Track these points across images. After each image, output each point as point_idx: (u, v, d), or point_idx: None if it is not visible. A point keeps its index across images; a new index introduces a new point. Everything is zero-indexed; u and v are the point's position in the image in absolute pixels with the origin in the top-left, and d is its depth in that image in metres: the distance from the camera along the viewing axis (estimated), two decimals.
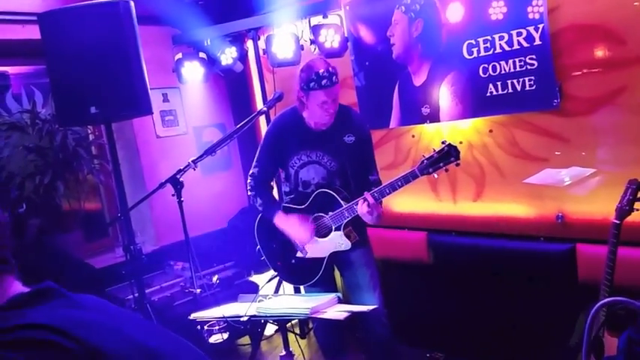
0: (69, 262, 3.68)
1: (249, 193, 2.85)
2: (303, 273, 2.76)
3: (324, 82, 2.56)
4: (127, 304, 3.56)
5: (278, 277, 3.00)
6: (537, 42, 2.86)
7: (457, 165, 2.45)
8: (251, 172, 2.85)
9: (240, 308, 2.34)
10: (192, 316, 2.36)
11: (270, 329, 3.90)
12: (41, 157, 3.83)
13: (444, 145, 2.43)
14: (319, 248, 2.70)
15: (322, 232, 2.70)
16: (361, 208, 2.49)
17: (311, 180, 2.76)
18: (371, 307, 2.28)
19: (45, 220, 3.87)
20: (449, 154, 2.42)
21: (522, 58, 2.94)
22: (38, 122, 3.90)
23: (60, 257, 3.64)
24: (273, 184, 3.09)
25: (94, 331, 0.80)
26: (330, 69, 2.60)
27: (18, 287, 0.86)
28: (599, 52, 2.73)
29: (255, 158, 2.85)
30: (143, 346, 0.84)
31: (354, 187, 2.74)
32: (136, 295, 3.31)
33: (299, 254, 2.76)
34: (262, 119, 3.69)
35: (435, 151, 2.44)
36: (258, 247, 2.91)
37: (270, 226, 2.79)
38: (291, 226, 2.69)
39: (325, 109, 2.62)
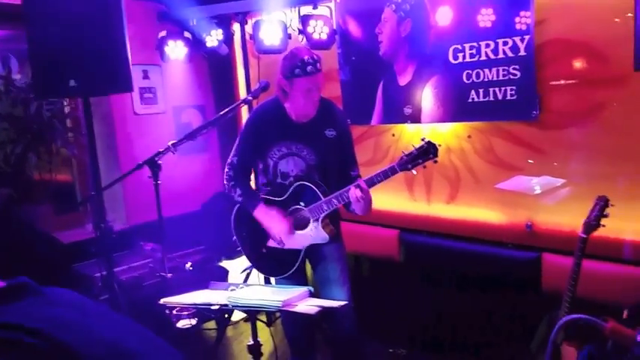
0: (36, 234, 3.60)
1: (226, 183, 2.82)
2: (279, 265, 2.76)
3: (308, 68, 2.54)
4: (95, 282, 3.52)
5: (250, 266, 3.00)
6: (522, 53, 2.91)
7: (435, 162, 2.48)
8: (229, 161, 2.81)
9: (211, 296, 2.33)
10: (163, 300, 2.35)
11: (236, 315, 3.91)
12: (14, 126, 3.73)
13: (423, 142, 2.45)
14: (296, 241, 2.70)
15: (300, 224, 2.70)
16: (354, 193, 2.45)
17: (290, 172, 2.75)
18: (342, 303, 2.29)
19: (14, 191, 3.78)
20: (427, 151, 2.44)
21: (506, 68, 2.99)
22: (12, 90, 3.79)
23: (27, 229, 3.56)
24: (252, 176, 3.07)
25: (70, 331, 0.78)
26: (315, 56, 2.58)
27: None
28: (581, 68, 2.80)
29: (235, 147, 2.82)
30: (119, 347, 0.83)
31: (333, 182, 2.75)
32: (104, 273, 3.28)
33: (274, 245, 2.76)
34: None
35: (414, 147, 2.46)
36: (234, 237, 2.90)
37: (248, 218, 2.78)
38: (271, 220, 2.68)
39: (309, 98, 2.60)
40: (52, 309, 0.84)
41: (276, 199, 2.74)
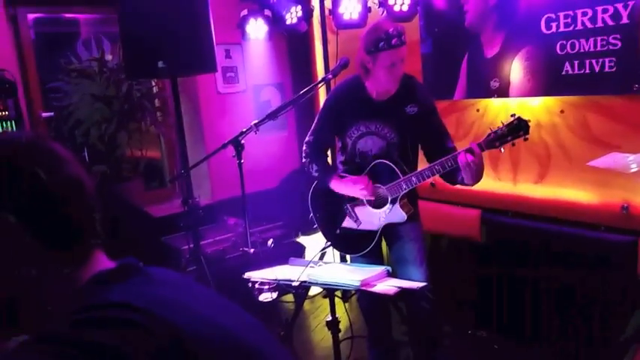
0: (129, 209, 3.84)
1: (303, 160, 2.84)
2: (356, 242, 2.78)
3: (393, 41, 2.47)
4: (183, 254, 3.70)
5: (326, 245, 3.02)
6: (624, 20, 2.66)
7: (525, 139, 2.36)
8: (307, 139, 2.83)
9: (292, 272, 2.38)
10: (247, 275, 2.43)
11: (313, 290, 3.98)
12: (107, 106, 3.95)
13: (513, 119, 2.33)
14: (374, 218, 2.69)
15: (378, 202, 2.68)
16: (464, 158, 2.32)
17: (369, 151, 2.72)
18: (421, 285, 2.27)
19: (108, 168, 4.03)
20: (518, 127, 2.33)
21: (605, 38, 2.75)
22: (105, 71, 4.01)
23: (121, 205, 3.79)
24: (329, 152, 3.08)
25: (174, 310, 0.81)
26: (400, 28, 2.51)
27: (104, 262, 0.89)
28: None
29: (313, 126, 2.83)
30: (220, 327, 0.86)
31: (414, 160, 2.70)
32: (192, 246, 3.44)
33: (351, 225, 2.76)
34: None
35: (503, 123, 2.34)
36: (311, 215, 2.93)
37: (325, 195, 2.79)
38: (346, 184, 2.67)
39: (393, 73, 2.54)
40: (157, 289, 0.88)
41: (354, 176, 2.73)
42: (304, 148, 2.84)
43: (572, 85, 2.94)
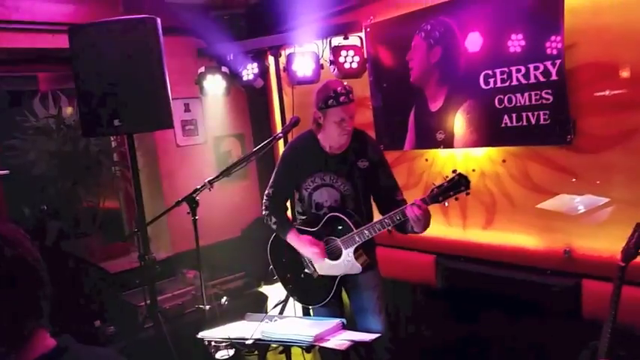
0: (85, 266, 3.80)
1: (263, 212, 2.91)
2: (315, 293, 2.81)
3: (341, 98, 2.61)
4: (139, 311, 3.65)
5: (285, 298, 3.06)
6: (554, 77, 2.87)
7: (467, 194, 2.48)
8: (267, 192, 2.90)
9: (247, 329, 2.40)
10: (200, 335, 2.44)
11: None
12: (64, 162, 3.96)
13: (454, 175, 2.45)
14: (330, 270, 2.75)
15: (333, 255, 2.74)
16: (412, 211, 2.44)
17: (324, 202, 2.81)
18: (374, 336, 2.32)
19: (64, 224, 4.00)
20: (459, 183, 2.44)
21: (538, 92, 2.96)
22: (63, 128, 4.03)
23: (77, 261, 3.75)
24: (288, 204, 3.15)
25: None
26: (347, 87, 2.65)
27: (46, 341, 0.93)
28: (614, 92, 2.74)
29: (272, 179, 2.91)
30: None
31: (367, 211, 2.79)
32: (148, 302, 3.41)
33: (310, 273, 2.81)
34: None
35: (445, 179, 2.46)
36: (271, 267, 2.97)
37: (283, 247, 2.84)
38: (303, 244, 2.74)
39: (343, 127, 2.66)
40: None
41: (310, 229, 2.80)
42: (264, 200, 2.90)
43: (511, 137, 3.12)
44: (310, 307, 2.97)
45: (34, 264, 0.91)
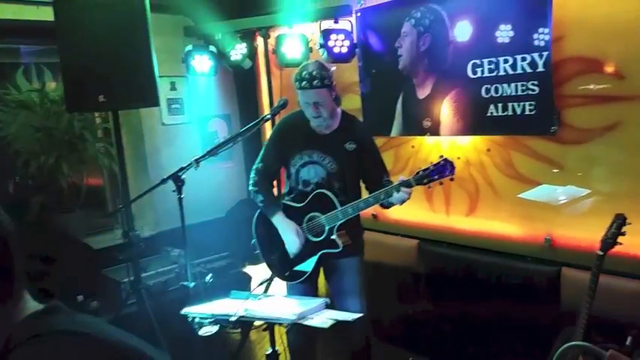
0: (68, 242, 3.78)
1: (250, 188, 2.92)
2: (294, 270, 2.85)
3: (302, 83, 2.64)
4: (123, 287, 3.65)
5: (270, 277, 3.08)
6: (540, 69, 2.91)
7: (451, 179, 2.52)
8: (255, 167, 2.92)
9: (231, 306, 2.42)
10: (184, 311, 2.45)
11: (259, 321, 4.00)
12: (47, 137, 3.91)
13: (440, 160, 2.50)
14: (311, 247, 2.78)
15: (315, 231, 2.78)
16: (402, 197, 2.53)
17: (311, 179, 2.83)
18: (356, 316, 2.35)
19: (47, 199, 3.96)
20: (444, 168, 2.49)
21: (524, 83, 3.00)
22: (46, 102, 3.97)
23: (59, 237, 3.73)
24: (275, 184, 3.16)
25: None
26: (315, 72, 2.63)
27: (31, 305, 0.94)
28: (598, 85, 2.79)
29: (261, 154, 2.92)
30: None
31: (353, 191, 2.82)
32: (132, 279, 3.42)
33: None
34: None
35: (432, 164, 2.50)
36: (254, 240, 3.00)
37: (267, 223, 2.87)
38: (286, 232, 2.78)
39: (310, 111, 2.69)
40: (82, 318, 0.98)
41: (296, 205, 2.83)
42: (252, 175, 2.91)
43: (496, 126, 3.17)
44: (288, 283, 2.98)
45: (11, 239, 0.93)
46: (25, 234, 1.17)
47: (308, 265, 2.80)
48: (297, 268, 2.83)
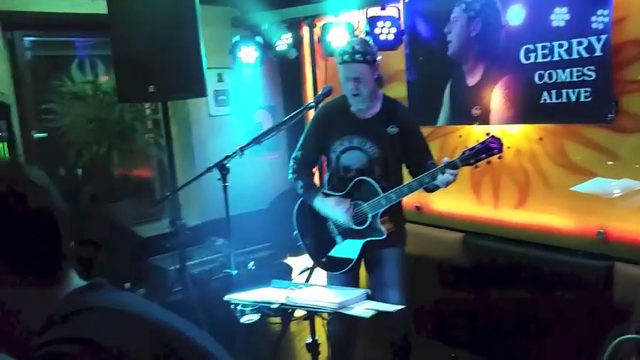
0: (118, 229, 3.89)
1: (290, 175, 2.90)
2: (338, 260, 2.81)
3: (345, 57, 2.58)
4: (169, 275, 3.73)
5: (311, 267, 3.07)
6: (598, 53, 2.76)
7: (499, 157, 2.42)
8: (294, 155, 2.90)
9: (272, 294, 2.42)
10: (227, 297, 2.47)
11: (299, 312, 4.00)
12: (99, 128, 4.03)
13: (487, 137, 2.40)
14: (355, 235, 2.74)
15: (359, 219, 2.73)
16: (447, 179, 2.43)
17: (352, 165, 2.77)
18: (398, 308, 2.31)
19: (98, 188, 4.09)
20: (492, 145, 2.39)
21: (580, 69, 2.85)
22: (99, 93, 4.09)
23: (110, 224, 3.84)
24: (315, 170, 3.13)
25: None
26: (358, 47, 2.57)
27: (76, 282, 0.96)
28: None
29: (300, 142, 2.90)
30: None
31: (395, 176, 2.76)
32: (178, 267, 3.48)
33: (334, 238, 2.81)
34: None
35: (478, 142, 2.41)
36: (296, 232, 2.98)
37: (309, 212, 2.85)
38: (329, 207, 2.73)
39: (348, 88, 2.63)
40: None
41: (336, 193, 2.79)
42: (291, 163, 2.90)
43: (549, 114, 3.03)
44: (329, 274, 2.95)
45: (63, 217, 0.94)
46: (76, 222, 1.20)
47: (353, 252, 2.75)
48: (342, 255, 2.79)
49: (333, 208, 2.72)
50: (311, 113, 4.04)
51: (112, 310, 0.91)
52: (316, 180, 3.18)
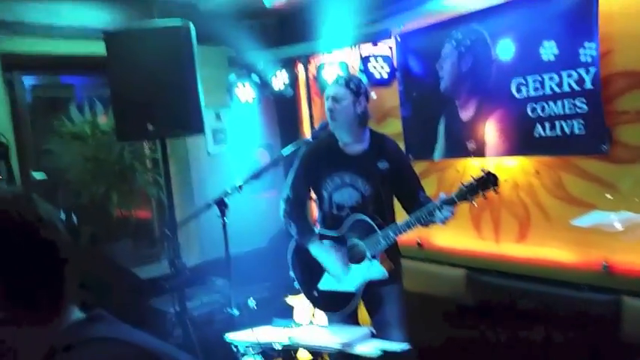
0: (116, 271, 3.85)
1: (283, 218, 2.88)
2: (336, 301, 2.77)
3: (331, 82, 2.70)
4: (168, 318, 3.67)
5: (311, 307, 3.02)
6: (588, 85, 2.81)
7: (496, 192, 2.42)
8: (284, 196, 2.86)
9: (274, 334, 2.39)
10: (227, 336, 2.44)
11: (302, 353, 3.93)
12: (98, 168, 4.04)
13: (483, 173, 2.41)
14: (353, 277, 2.70)
15: (356, 258, 2.70)
16: (444, 217, 2.43)
17: (345, 203, 2.75)
18: (405, 346, 2.27)
19: (97, 228, 4.07)
20: (487, 181, 2.39)
21: (572, 101, 2.89)
22: (97, 133, 4.12)
23: (109, 265, 3.81)
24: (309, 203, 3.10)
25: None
26: (346, 76, 2.71)
27: (76, 314, 0.97)
28: None
29: (289, 182, 2.86)
30: None
31: (389, 213, 2.74)
32: (177, 309, 3.43)
33: (331, 283, 2.77)
34: None
35: (473, 178, 2.42)
36: (291, 273, 2.95)
37: (305, 253, 2.81)
38: (326, 257, 2.71)
39: (327, 108, 2.67)
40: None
41: (333, 234, 2.76)
42: (283, 206, 2.87)
43: (544, 146, 3.06)
44: (328, 314, 2.90)
45: (65, 253, 0.94)
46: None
47: (352, 287, 2.71)
48: (342, 289, 2.74)
49: (328, 257, 2.71)
50: None
51: (113, 340, 0.93)
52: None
